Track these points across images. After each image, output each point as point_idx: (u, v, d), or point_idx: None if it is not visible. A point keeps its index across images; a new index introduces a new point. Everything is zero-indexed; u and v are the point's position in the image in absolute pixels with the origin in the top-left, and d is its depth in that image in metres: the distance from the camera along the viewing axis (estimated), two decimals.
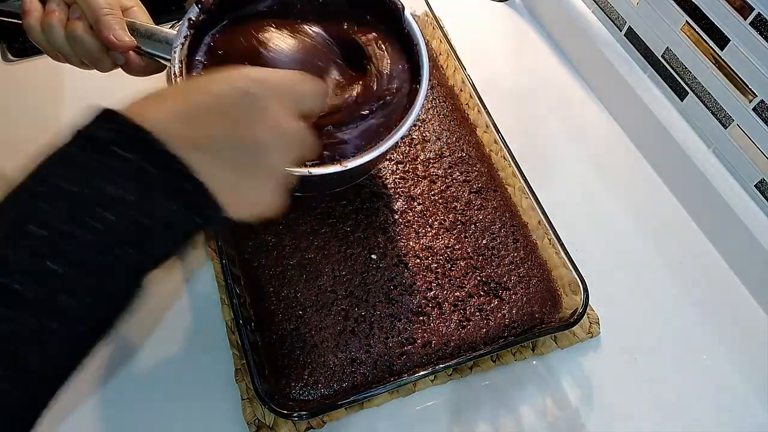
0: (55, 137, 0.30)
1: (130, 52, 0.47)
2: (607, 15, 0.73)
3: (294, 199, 0.41)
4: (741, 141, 0.60)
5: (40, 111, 0.70)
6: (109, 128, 0.30)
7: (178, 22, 0.49)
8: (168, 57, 0.47)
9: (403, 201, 0.60)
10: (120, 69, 0.50)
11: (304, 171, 0.44)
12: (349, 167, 0.46)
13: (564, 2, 0.76)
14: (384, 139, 0.48)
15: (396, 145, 0.50)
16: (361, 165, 0.46)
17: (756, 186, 0.60)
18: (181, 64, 0.47)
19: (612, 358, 0.56)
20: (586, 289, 0.53)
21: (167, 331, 0.55)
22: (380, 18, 0.54)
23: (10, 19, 0.49)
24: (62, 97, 0.71)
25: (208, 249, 0.60)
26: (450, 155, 0.63)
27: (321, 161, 0.46)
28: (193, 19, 0.49)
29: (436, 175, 0.62)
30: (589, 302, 0.53)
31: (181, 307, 0.57)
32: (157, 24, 0.49)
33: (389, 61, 0.52)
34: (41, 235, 0.27)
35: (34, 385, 0.27)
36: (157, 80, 0.54)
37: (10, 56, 0.74)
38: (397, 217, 0.59)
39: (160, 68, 0.50)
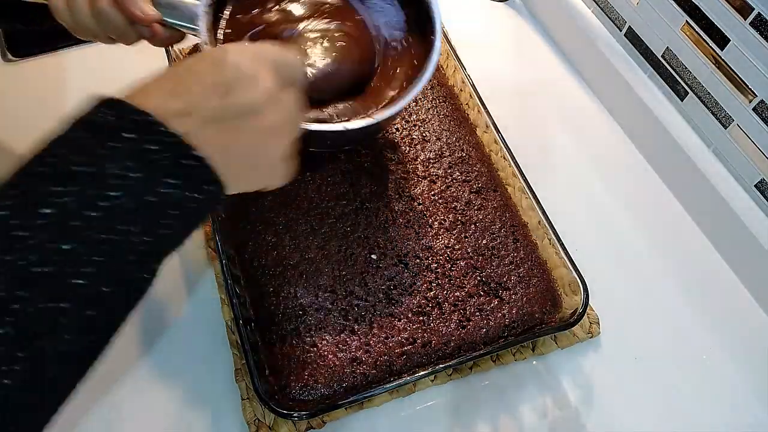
0: (57, 125, 0.31)
1: (155, 24, 0.48)
2: (607, 15, 0.73)
3: (308, 158, 0.42)
4: (741, 141, 0.60)
5: (40, 111, 0.70)
6: (108, 113, 0.31)
7: None
8: (191, 26, 0.48)
9: (403, 201, 0.60)
10: (124, 45, 0.50)
11: (339, 127, 0.46)
12: (378, 120, 0.48)
13: (564, 2, 0.76)
14: (406, 92, 0.50)
15: (415, 99, 0.53)
16: (386, 118, 0.48)
17: (756, 186, 0.60)
18: (208, 33, 0.48)
19: (612, 358, 0.56)
20: (586, 289, 0.53)
21: (167, 330, 0.55)
22: None
23: (36, 0, 0.49)
24: (62, 97, 0.71)
25: (209, 249, 0.60)
26: (450, 155, 0.63)
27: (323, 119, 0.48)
28: None
29: (436, 175, 0.62)
30: (589, 302, 0.53)
31: (181, 307, 0.57)
32: None
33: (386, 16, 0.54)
34: (53, 215, 0.27)
35: (51, 368, 0.27)
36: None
37: (10, 56, 0.74)
38: (397, 217, 0.59)
39: (182, 37, 0.50)
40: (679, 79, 0.66)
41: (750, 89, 0.57)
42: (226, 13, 0.52)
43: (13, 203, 0.27)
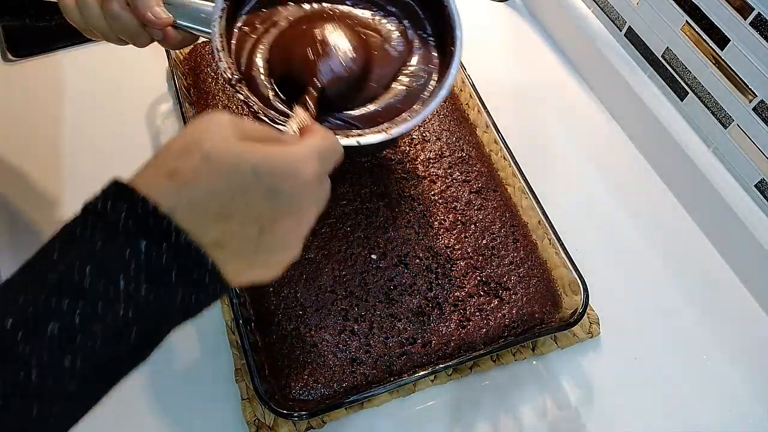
0: (71, 214, 0.30)
1: (168, 27, 0.47)
2: (607, 15, 0.73)
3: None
4: (741, 141, 0.60)
5: (40, 111, 0.70)
6: (122, 211, 0.29)
7: None
8: (203, 29, 0.48)
9: (403, 201, 0.60)
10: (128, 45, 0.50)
11: (353, 141, 0.46)
12: (394, 135, 0.47)
13: (564, 2, 0.76)
14: (424, 107, 0.49)
15: (429, 115, 0.52)
16: (403, 133, 0.48)
17: (756, 186, 0.60)
18: (221, 37, 0.47)
19: (612, 358, 0.56)
20: (586, 289, 0.53)
21: None
22: None
23: None
24: (62, 97, 0.71)
25: None
26: (450, 155, 0.63)
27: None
28: None
29: (436, 175, 0.62)
30: (589, 302, 0.53)
31: None
32: None
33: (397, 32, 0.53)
34: (59, 331, 0.27)
35: None
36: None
37: (10, 56, 0.74)
38: (397, 217, 0.59)
39: (195, 39, 0.50)
40: (679, 79, 0.65)
41: (750, 89, 0.57)
42: (242, 16, 0.52)
43: (20, 317, 0.27)
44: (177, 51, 0.70)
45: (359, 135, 0.47)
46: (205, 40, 0.50)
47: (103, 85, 0.72)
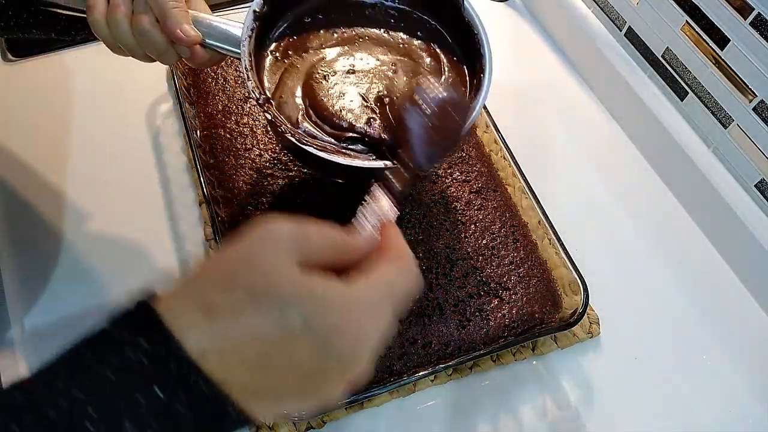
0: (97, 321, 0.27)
1: (196, 45, 0.47)
2: (607, 15, 0.73)
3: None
4: (741, 141, 0.60)
5: (39, 111, 0.70)
6: (145, 346, 0.26)
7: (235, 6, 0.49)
8: (232, 49, 0.48)
9: (403, 201, 0.60)
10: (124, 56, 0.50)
11: (380, 164, 0.45)
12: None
13: (564, 2, 0.76)
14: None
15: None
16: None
17: (756, 186, 0.60)
18: (251, 57, 0.48)
19: (612, 358, 0.56)
20: (586, 289, 0.53)
21: None
22: (434, 11, 0.55)
23: (74, 14, 0.48)
24: (62, 97, 0.71)
25: (209, 249, 0.60)
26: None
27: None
28: (257, 10, 0.49)
29: (436, 175, 0.62)
30: (589, 302, 0.53)
31: None
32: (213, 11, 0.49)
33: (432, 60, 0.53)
34: None
35: None
36: None
37: (10, 56, 0.74)
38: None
39: (222, 59, 0.50)
40: (679, 79, 0.65)
41: (750, 89, 0.57)
42: (272, 39, 0.52)
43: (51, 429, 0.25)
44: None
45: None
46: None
47: (103, 85, 0.72)
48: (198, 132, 0.64)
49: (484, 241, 0.58)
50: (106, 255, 0.60)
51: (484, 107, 0.65)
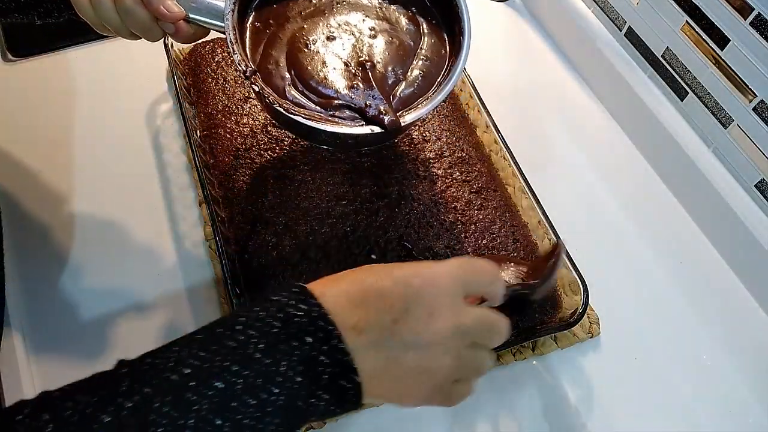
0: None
1: (180, 21, 0.47)
2: (607, 15, 0.73)
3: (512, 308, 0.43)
4: (741, 141, 0.60)
5: (39, 111, 0.70)
6: (301, 308, 0.34)
7: None
8: (216, 23, 0.48)
9: (403, 201, 0.60)
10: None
11: (366, 130, 0.47)
12: (407, 122, 0.48)
13: (564, 2, 0.76)
14: (435, 93, 0.50)
15: (444, 100, 0.51)
16: (412, 122, 0.49)
17: (756, 186, 0.60)
18: (234, 30, 0.48)
19: (612, 358, 0.56)
20: (586, 289, 0.53)
21: (167, 331, 0.55)
22: None
23: None
24: (62, 96, 0.71)
25: (209, 249, 0.60)
26: (450, 155, 0.63)
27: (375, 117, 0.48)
28: None
29: (436, 175, 0.62)
30: (589, 302, 0.53)
31: (181, 307, 0.57)
32: None
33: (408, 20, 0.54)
34: (222, 391, 0.31)
35: None
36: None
37: (10, 56, 0.74)
38: (397, 217, 0.59)
39: (206, 33, 0.50)
40: (679, 79, 0.65)
41: (750, 89, 0.57)
42: (252, 10, 0.52)
43: (196, 369, 0.31)
44: (177, 51, 0.70)
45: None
46: (208, 39, 0.50)
47: (103, 84, 0.72)
48: (198, 132, 0.64)
49: (484, 241, 0.58)
50: (106, 255, 0.60)
51: (484, 107, 0.65)
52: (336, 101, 0.48)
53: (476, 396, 0.53)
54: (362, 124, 0.47)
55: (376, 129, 0.47)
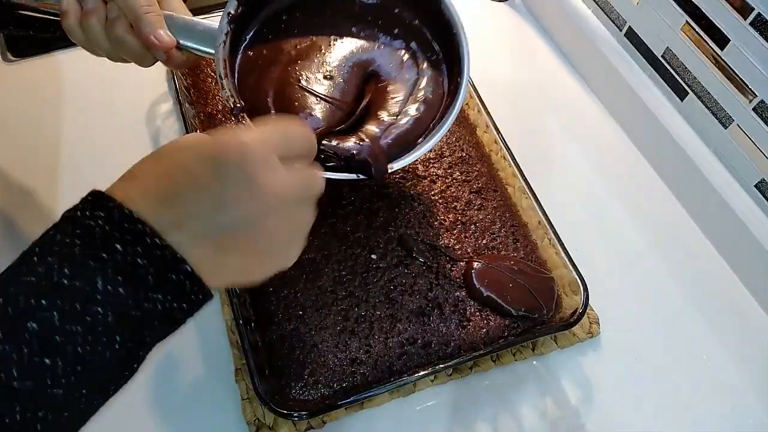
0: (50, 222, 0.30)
1: (171, 49, 0.47)
2: (607, 15, 0.73)
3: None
4: (741, 141, 0.60)
5: (39, 111, 0.70)
6: (100, 216, 0.30)
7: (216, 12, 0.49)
8: (207, 50, 0.48)
9: (403, 201, 0.60)
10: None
11: (352, 176, 0.47)
12: (395, 168, 0.48)
13: (564, 2, 0.76)
14: (425, 140, 0.50)
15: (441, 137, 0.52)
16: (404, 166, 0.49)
17: (756, 186, 0.60)
18: (225, 63, 0.47)
19: (612, 358, 0.56)
20: (586, 289, 0.53)
21: None
22: (414, 7, 0.54)
23: (48, 17, 0.49)
24: (62, 97, 0.71)
25: None
26: (450, 155, 0.63)
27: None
28: (232, 12, 0.49)
29: (436, 175, 0.62)
30: (589, 302, 0.53)
31: None
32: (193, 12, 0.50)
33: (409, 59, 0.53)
34: (38, 331, 0.28)
35: None
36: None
37: (10, 56, 0.74)
38: (397, 217, 0.59)
39: (199, 60, 0.50)
40: (679, 79, 0.66)
41: (750, 89, 0.57)
42: (247, 39, 0.52)
43: (1, 316, 0.27)
44: None
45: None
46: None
47: (103, 84, 0.72)
48: (198, 132, 0.64)
49: (484, 241, 0.58)
50: None
51: (484, 107, 0.65)
52: (322, 144, 0.47)
53: (476, 396, 0.54)
54: (347, 170, 0.47)
55: (361, 176, 0.47)
